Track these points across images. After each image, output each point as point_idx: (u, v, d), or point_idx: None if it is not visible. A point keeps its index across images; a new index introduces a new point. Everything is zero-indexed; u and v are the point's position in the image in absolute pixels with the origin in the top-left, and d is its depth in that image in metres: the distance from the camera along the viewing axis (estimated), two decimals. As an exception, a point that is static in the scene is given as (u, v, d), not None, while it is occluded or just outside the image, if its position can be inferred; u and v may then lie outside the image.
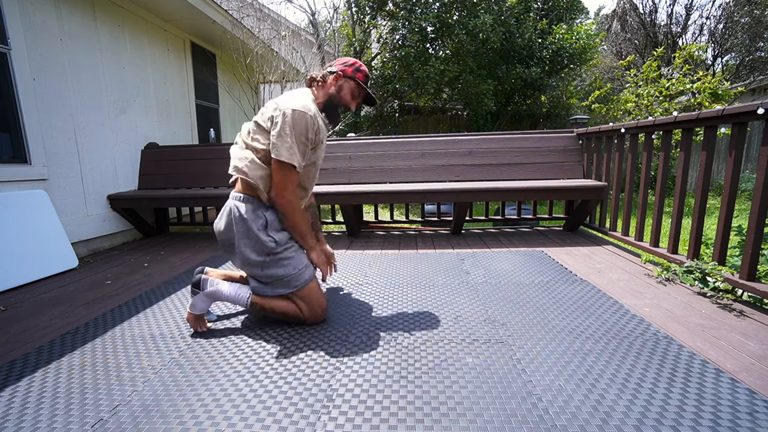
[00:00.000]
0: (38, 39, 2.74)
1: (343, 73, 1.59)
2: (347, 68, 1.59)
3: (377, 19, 7.70)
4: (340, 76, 1.59)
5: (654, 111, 5.62)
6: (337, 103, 1.60)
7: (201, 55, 4.86)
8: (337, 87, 1.59)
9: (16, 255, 2.34)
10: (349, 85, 1.60)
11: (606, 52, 12.77)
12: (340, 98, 1.60)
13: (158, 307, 1.89)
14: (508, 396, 1.12)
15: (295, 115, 1.43)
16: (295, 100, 1.48)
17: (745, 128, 1.81)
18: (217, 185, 3.58)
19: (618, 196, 2.82)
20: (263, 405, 1.11)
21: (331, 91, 1.60)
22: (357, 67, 1.60)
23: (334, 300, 1.90)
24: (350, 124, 7.86)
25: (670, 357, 1.30)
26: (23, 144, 2.65)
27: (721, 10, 10.56)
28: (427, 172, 3.36)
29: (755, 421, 0.99)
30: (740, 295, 1.85)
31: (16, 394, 1.21)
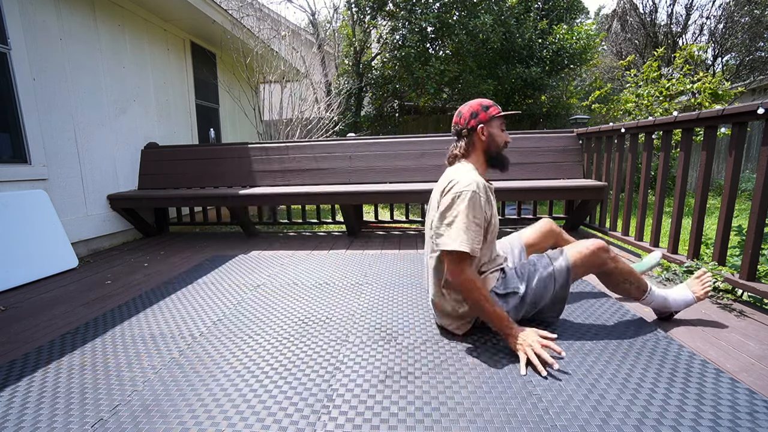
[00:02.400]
0: (38, 39, 2.74)
1: (483, 122, 1.47)
2: (482, 114, 1.47)
3: (377, 19, 7.70)
4: (483, 128, 1.48)
5: (654, 111, 5.62)
6: (496, 150, 1.51)
7: (201, 55, 4.86)
8: (488, 139, 1.49)
9: (16, 255, 2.34)
10: (495, 124, 1.49)
11: (606, 52, 12.77)
12: (496, 143, 1.50)
13: (158, 307, 1.89)
14: (508, 396, 1.12)
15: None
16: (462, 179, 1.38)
17: (745, 128, 1.81)
18: (217, 185, 3.58)
19: (618, 196, 2.82)
20: (263, 405, 1.11)
21: (485, 148, 1.50)
22: (485, 107, 1.48)
23: (335, 300, 1.90)
24: (350, 124, 7.86)
25: (670, 357, 1.30)
26: (23, 144, 2.65)
27: (721, 10, 10.56)
28: (427, 172, 3.36)
29: (755, 421, 0.99)
30: (740, 295, 1.85)
31: (16, 394, 1.21)
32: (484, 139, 1.49)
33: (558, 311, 1.50)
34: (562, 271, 1.43)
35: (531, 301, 1.43)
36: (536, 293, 1.43)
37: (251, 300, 1.94)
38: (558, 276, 1.43)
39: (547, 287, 1.43)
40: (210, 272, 2.42)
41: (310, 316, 1.71)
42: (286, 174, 3.53)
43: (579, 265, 1.45)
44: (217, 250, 3.06)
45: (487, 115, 1.48)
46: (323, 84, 8.30)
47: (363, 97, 8.30)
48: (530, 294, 1.43)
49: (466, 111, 1.50)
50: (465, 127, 1.49)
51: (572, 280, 1.45)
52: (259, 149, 3.62)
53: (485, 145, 1.50)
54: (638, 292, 1.52)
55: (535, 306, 1.45)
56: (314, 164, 3.51)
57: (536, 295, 1.43)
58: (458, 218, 1.33)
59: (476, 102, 1.51)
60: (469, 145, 1.51)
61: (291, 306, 1.84)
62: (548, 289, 1.43)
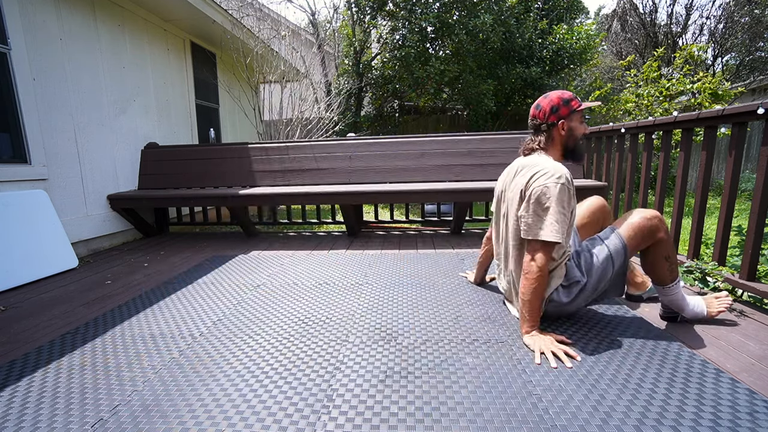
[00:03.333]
0: (38, 39, 2.74)
1: (564, 117, 1.47)
2: (562, 109, 1.47)
3: (377, 19, 7.70)
4: (564, 123, 1.47)
5: (654, 111, 5.62)
6: (574, 143, 1.51)
7: (201, 55, 4.85)
8: (567, 133, 1.48)
9: (16, 255, 2.34)
10: (576, 117, 1.49)
11: (606, 52, 12.77)
12: (575, 137, 1.50)
13: (158, 307, 1.89)
14: (508, 396, 1.12)
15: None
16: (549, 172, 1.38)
17: (745, 128, 1.81)
18: (217, 185, 3.58)
19: (618, 196, 2.82)
20: (263, 405, 1.11)
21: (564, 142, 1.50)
22: (566, 101, 1.47)
23: (335, 300, 1.90)
24: (350, 124, 7.86)
25: (671, 357, 1.30)
26: (23, 144, 2.65)
27: (721, 10, 10.56)
28: (427, 172, 3.36)
29: (755, 421, 0.99)
30: (740, 295, 1.85)
31: (16, 394, 1.20)
32: (563, 134, 1.48)
33: (620, 289, 1.49)
34: (619, 251, 1.43)
35: (593, 288, 1.45)
36: (598, 280, 1.44)
37: (251, 300, 1.94)
38: (615, 256, 1.43)
39: (606, 270, 1.43)
40: (210, 272, 2.42)
41: (310, 316, 1.71)
42: (286, 174, 3.53)
43: (633, 237, 1.43)
44: (217, 250, 3.05)
45: (568, 109, 1.47)
46: (323, 84, 8.30)
47: (363, 97, 8.29)
48: (592, 282, 1.44)
49: (546, 104, 1.49)
50: (545, 122, 1.48)
51: (631, 255, 1.45)
52: (259, 149, 3.62)
53: (564, 139, 1.50)
54: (671, 275, 1.48)
55: (598, 291, 1.46)
56: (314, 164, 3.51)
57: (598, 281, 1.44)
58: (551, 209, 1.34)
59: (556, 95, 1.49)
60: (549, 139, 1.51)
61: (291, 306, 1.84)
62: (607, 272, 1.43)
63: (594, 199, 1.77)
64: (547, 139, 1.51)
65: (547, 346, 1.33)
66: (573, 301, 1.46)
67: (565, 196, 1.36)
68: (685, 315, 1.54)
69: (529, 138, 1.56)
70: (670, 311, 1.57)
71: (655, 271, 1.50)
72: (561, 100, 1.47)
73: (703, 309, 1.54)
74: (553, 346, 1.33)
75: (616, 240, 1.44)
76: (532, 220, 1.37)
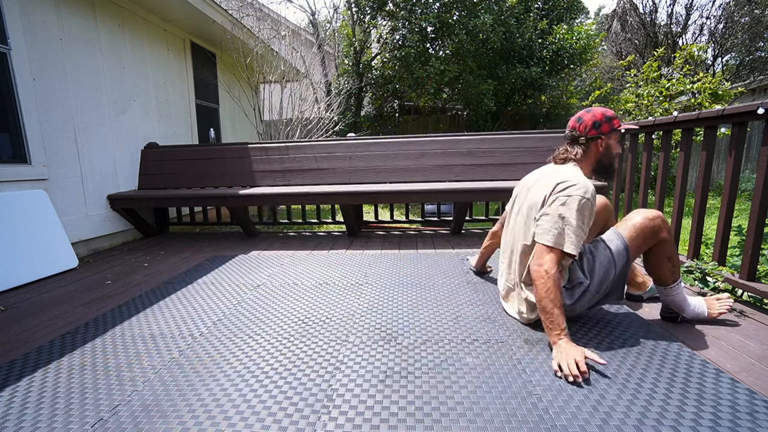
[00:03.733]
0: (38, 39, 2.74)
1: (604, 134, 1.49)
2: (604, 126, 1.48)
3: (377, 19, 7.70)
4: (604, 140, 1.49)
5: (654, 111, 5.62)
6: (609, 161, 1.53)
7: (201, 55, 4.85)
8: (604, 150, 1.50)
9: (16, 255, 2.34)
10: (615, 136, 1.51)
11: (606, 52, 12.77)
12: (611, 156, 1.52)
13: (158, 307, 1.89)
14: (508, 396, 1.12)
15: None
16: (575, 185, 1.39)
17: (745, 128, 1.81)
18: (217, 185, 3.58)
19: (618, 196, 2.82)
20: (263, 405, 1.11)
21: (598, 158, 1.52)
22: (609, 118, 1.48)
23: (335, 300, 1.90)
24: (350, 124, 7.86)
25: (671, 357, 1.30)
26: (23, 144, 2.65)
27: (721, 10, 10.57)
28: (427, 172, 3.36)
29: (755, 421, 0.99)
30: (740, 295, 1.85)
31: (16, 394, 1.20)
32: (601, 150, 1.50)
33: (621, 292, 1.49)
34: (621, 253, 1.43)
35: (595, 290, 1.44)
36: (600, 282, 1.44)
37: (251, 300, 1.94)
38: (618, 258, 1.43)
39: (608, 272, 1.43)
40: (210, 272, 2.42)
41: (310, 316, 1.71)
42: (286, 174, 3.53)
43: (635, 238, 1.43)
44: (217, 250, 3.05)
45: (610, 126, 1.48)
46: (323, 84, 8.30)
47: (363, 97, 8.29)
48: (594, 284, 1.44)
49: (589, 119, 1.50)
50: (584, 135, 1.50)
51: (634, 257, 1.45)
52: (259, 149, 3.62)
53: (600, 155, 1.51)
54: (673, 276, 1.48)
55: (600, 293, 1.46)
56: (314, 164, 3.51)
57: (600, 283, 1.44)
58: (571, 220, 1.35)
59: (600, 111, 1.51)
60: (586, 153, 1.52)
61: (291, 306, 1.84)
62: (609, 273, 1.43)
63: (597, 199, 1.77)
64: (584, 153, 1.52)
65: (571, 357, 1.21)
66: (576, 302, 1.46)
67: (587, 212, 1.38)
68: (686, 315, 1.54)
69: (564, 148, 1.57)
70: (671, 311, 1.57)
71: (657, 271, 1.50)
72: (604, 117, 1.49)
73: (704, 310, 1.54)
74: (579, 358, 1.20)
75: (619, 242, 1.44)
76: (549, 226, 1.37)
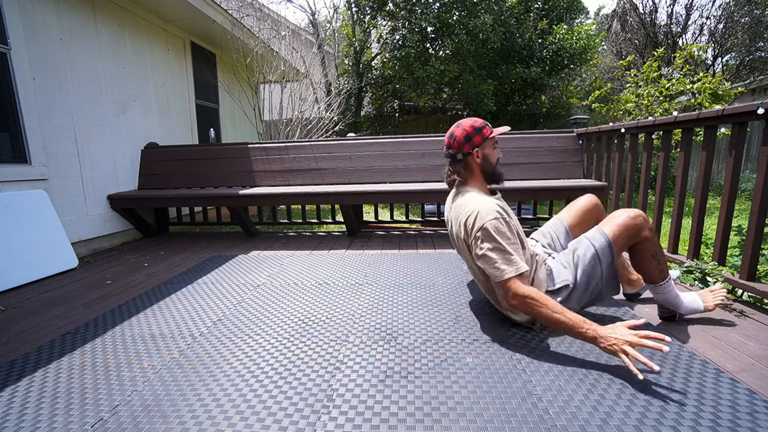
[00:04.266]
0: (38, 39, 2.74)
1: (477, 146, 1.49)
2: (476, 137, 1.49)
3: (377, 19, 7.70)
4: (478, 151, 1.50)
5: (654, 111, 5.62)
6: (492, 167, 1.53)
7: (201, 55, 4.85)
8: (482, 160, 1.51)
9: (16, 255, 2.34)
10: (489, 144, 1.51)
11: (606, 52, 12.77)
12: (491, 163, 1.52)
13: (158, 307, 1.89)
14: (508, 396, 1.12)
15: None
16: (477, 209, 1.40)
17: (745, 128, 1.81)
18: (216, 185, 3.58)
19: (618, 196, 2.82)
20: (263, 405, 1.11)
21: (482, 168, 1.52)
22: (478, 129, 1.49)
23: (335, 300, 1.90)
24: (350, 124, 7.86)
25: (671, 357, 1.30)
26: (23, 144, 2.65)
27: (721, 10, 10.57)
28: (427, 172, 3.36)
29: (755, 421, 0.99)
30: (740, 295, 1.85)
31: (16, 394, 1.21)
32: (479, 161, 1.51)
33: (614, 288, 1.48)
34: (605, 249, 1.43)
35: (583, 288, 1.44)
36: (587, 280, 1.43)
37: (251, 300, 1.94)
38: (602, 255, 1.43)
39: (595, 269, 1.43)
40: (210, 272, 2.42)
41: (310, 316, 1.71)
42: (286, 174, 3.53)
43: (618, 235, 1.43)
44: (217, 250, 3.05)
45: (481, 137, 1.49)
46: (323, 84, 8.30)
47: (363, 97, 8.29)
48: (581, 282, 1.44)
49: (460, 134, 1.50)
50: (460, 151, 1.51)
51: (618, 254, 1.45)
52: (259, 149, 3.62)
53: (481, 166, 1.52)
54: (661, 274, 1.48)
55: (590, 292, 1.45)
56: (314, 164, 3.51)
57: (588, 282, 1.43)
58: (496, 249, 1.34)
59: (468, 124, 1.51)
60: (467, 169, 1.54)
61: (291, 306, 1.84)
62: (596, 270, 1.43)
63: (586, 198, 1.76)
64: (465, 170, 1.54)
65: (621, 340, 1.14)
66: (564, 303, 1.44)
67: (504, 227, 1.37)
68: (682, 312, 1.54)
69: (448, 169, 1.58)
70: (667, 311, 1.57)
71: (644, 270, 1.51)
72: (474, 129, 1.49)
73: (699, 304, 1.54)
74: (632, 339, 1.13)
75: (602, 239, 1.44)
76: (489, 265, 1.35)
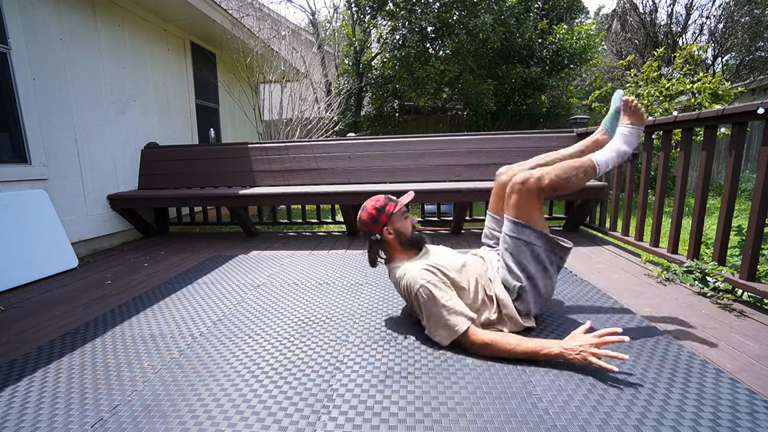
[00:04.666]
0: (38, 39, 2.74)
1: (386, 223, 1.52)
2: (381, 217, 1.51)
3: (377, 18, 7.70)
4: (389, 228, 1.52)
5: (654, 111, 5.62)
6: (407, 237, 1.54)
7: (201, 55, 4.86)
8: (396, 234, 1.53)
9: (16, 255, 2.34)
10: (396, 217, 1.53)
11: (606, 52, 12.77)
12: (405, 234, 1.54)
13: (158, 307, 1.89)
14: (508, 396, 1.12)
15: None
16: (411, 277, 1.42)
17: (745, 128, 1.81)
18: (217, 185, 3.58)
19: (618, 196, 2.82)
20: (263, 405, 1.11)
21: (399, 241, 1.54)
22: (380, 208, 1.52)
23: (335, 300, 1.90)
24: (350, 124, 7.86)
25: (670, 357, 1.30)
26: (23, 144, 2.65)
27: (721, 10, 10.56)
28: (427, 172, 3.36)
29: (755, 421, 0.99)
30: (740, 295, 1.85)
31: (16, 394, 1.21)
32: (393, 237, 1.53)
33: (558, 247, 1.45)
34: (520, 230, 1.42)
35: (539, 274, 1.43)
36: (535, 264, 1.43)
37: (251, 300, 1.94)
38: (523, 237, 1.42)
39: (534, 252, 1.42)
40: (210, 272, 2.42)
41: (310, 316, 1.71)
42: (286, 174, 3.53)
43: (521, 210, 1.41)
44: (217, 250, 3.05)
45: (386, 215, 1.51)
46: (323, 84, 8.30)
47: (363, 97, 8.30)
48: (531, 271, 1.43)
49: (366, 217, 1.53)
50: (372, 233, 1.53)
51: (537, 226, 1.42)
52: (259, 149, 3.62)
53: (396, 240, 1.54)
54: (591, 173, 1.44)
55: (544, 267, 1.44)
56: (314, 164, 3.51)
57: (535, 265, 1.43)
58: (436, 313, 1.36)
59: (371, 206, 1.53)
60: (386, 245, 1.56)
61: (291, 306, 1.84)
62: (534, 251, 1.42)
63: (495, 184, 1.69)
64: (384, 249, 1.57)
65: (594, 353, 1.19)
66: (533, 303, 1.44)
67: (440, 284, 1.38)
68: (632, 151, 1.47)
69: (370, 249, 1.59)
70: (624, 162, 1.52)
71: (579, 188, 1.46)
72: (376, 210, 1.52)
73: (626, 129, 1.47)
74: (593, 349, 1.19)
75: (510, 224, 1.44)
76: (442, 330, 1.36)
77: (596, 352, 1.19)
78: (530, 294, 1.44)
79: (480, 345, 1.32)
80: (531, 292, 1.44)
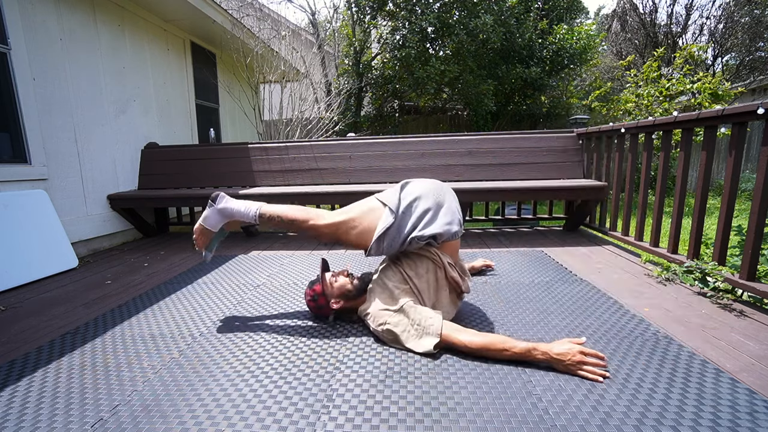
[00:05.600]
0: (38, 39, 2.74)
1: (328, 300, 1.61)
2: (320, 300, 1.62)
3: (377, 19, 7.70)
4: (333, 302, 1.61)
5: (654, 111, 5.62)
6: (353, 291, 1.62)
7: (201, 55, 4.86)
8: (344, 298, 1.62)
9: (16, 255, 2.34)
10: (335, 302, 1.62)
11: (606, 52, 12.77)
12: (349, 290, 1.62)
13: (158, 307, 1.89)
14: (508, 396, 1.12)
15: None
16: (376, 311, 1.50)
17: (745, 128, 1.81)
18: (217, 185, 3.58)
19: (618, 196, 2.82)
20: (263, 405, 1.11)
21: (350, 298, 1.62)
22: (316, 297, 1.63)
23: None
24: (350, 124, 7.86)
25: (670, 357, 1.30)
26: (23, 144, 2.65)
27: (721, 10, 10.57)
28: (427, 172, 3.36)
29: (755, 421, 0.99)
30: (740, 295, 1.85)
31: (16, 394, 1.21)
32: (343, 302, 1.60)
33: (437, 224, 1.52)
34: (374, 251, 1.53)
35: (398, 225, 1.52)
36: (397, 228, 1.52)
37: (251, 300, 1.94)
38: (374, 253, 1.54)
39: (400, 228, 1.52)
40: (210, 272, 2.42)
41: (310, 316, 1.71)
42: (286, 174, 3.53)
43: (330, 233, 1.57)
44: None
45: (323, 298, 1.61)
46: (323, 84, 8.30)
47: (363, 97, 8.30)
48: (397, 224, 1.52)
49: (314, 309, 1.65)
50: (329, 315, 1.65)
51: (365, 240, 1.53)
52: (259, 149, 3.62)
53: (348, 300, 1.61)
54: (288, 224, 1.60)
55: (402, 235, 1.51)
56: (314, 164, 3.51)
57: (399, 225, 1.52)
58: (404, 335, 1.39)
59: (307, 300, 1.65)
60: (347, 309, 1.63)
61: (291, 306, 1.84)
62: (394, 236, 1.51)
63: None
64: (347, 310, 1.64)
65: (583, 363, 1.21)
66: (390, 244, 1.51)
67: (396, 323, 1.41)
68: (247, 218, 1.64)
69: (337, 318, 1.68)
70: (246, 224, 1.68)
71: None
72: (314, 302, 1.63)
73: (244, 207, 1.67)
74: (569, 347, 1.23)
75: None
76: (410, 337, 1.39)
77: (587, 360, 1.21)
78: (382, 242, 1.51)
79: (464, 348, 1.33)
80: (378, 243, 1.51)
